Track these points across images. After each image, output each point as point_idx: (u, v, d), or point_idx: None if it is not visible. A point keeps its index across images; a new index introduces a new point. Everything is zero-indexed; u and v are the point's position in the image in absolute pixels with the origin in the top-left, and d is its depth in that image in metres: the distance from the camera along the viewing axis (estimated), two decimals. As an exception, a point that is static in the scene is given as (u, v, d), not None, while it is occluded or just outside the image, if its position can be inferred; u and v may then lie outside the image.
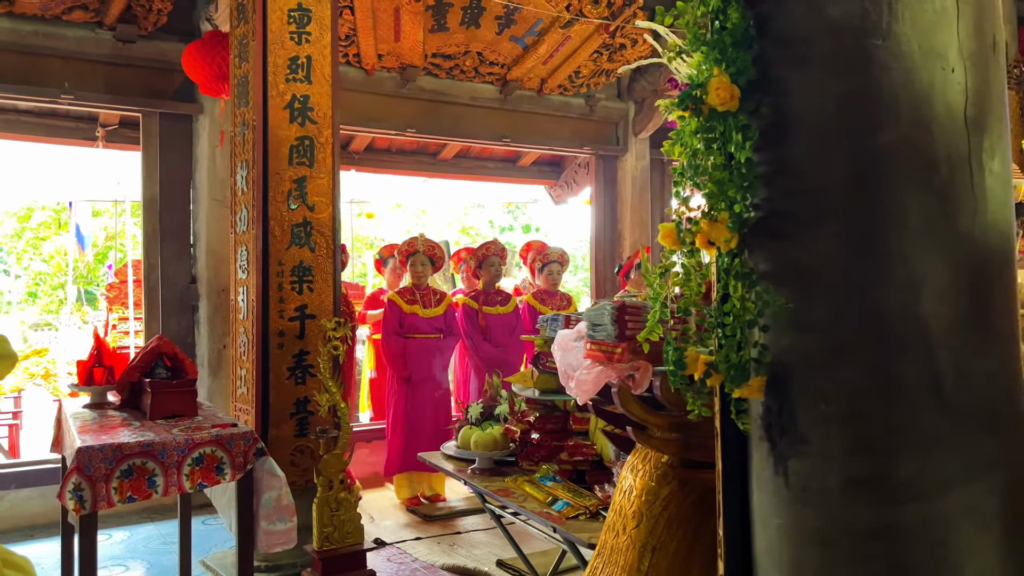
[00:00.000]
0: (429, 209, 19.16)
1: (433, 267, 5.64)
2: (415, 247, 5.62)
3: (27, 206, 18.45)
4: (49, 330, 17.70)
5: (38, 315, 19.03)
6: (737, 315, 1.39)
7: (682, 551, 1.85)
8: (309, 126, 4.21)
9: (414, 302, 5.51)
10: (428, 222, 19.29)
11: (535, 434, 2.90)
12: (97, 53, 5.31)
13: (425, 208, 19.02)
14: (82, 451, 2.49)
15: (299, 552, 4.08)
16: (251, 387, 4.14)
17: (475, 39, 6.42)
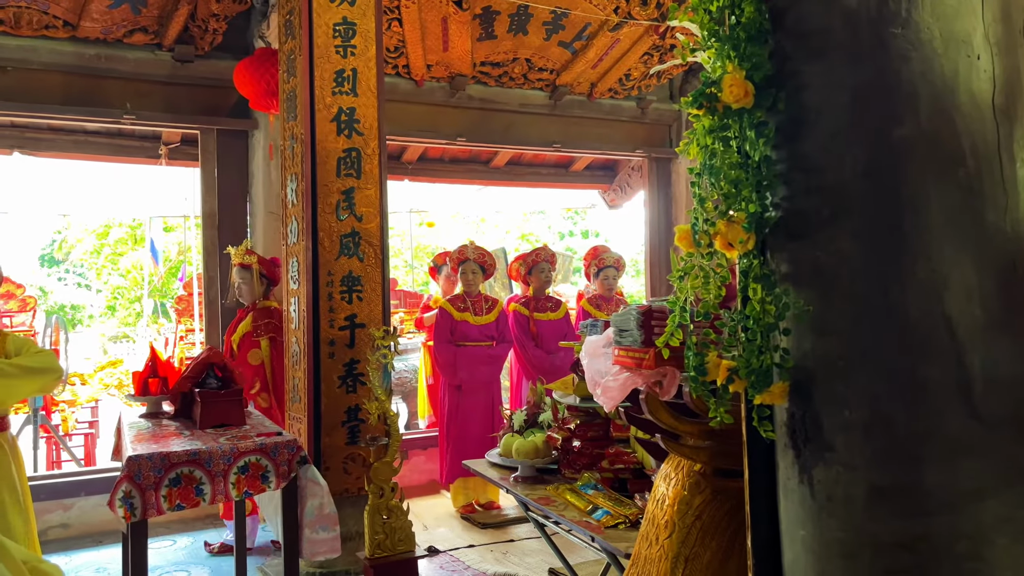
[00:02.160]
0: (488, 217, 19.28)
1: (484, 274, 5.66)
2: (465, 255, 5.64)
3: (105, 223, 19.26)
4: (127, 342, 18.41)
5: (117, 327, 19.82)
6: (757, 318, 1.34)
7: (716, 562, 1.79)
8: (356, 138, 4.28)
9: (465, 309, 5.54)
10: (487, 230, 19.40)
11: (576, 442, 2.87)
12: (157, 74, 5.50)
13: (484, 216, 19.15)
14: (132, 460, 2.56)
15: (352, 559, 4.13)
16: (303, 396, 4.22)
17: (523, 46, 6.43)
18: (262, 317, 4.83)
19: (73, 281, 20.49)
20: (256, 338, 4.78)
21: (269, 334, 4.80)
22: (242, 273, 4.90)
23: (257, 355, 4.79)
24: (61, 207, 15.43)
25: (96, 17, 5.16)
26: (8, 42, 5.10)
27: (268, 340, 4.79)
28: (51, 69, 5.23)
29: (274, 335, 4.80)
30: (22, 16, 5.05)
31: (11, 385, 2.84)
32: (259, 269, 4.88)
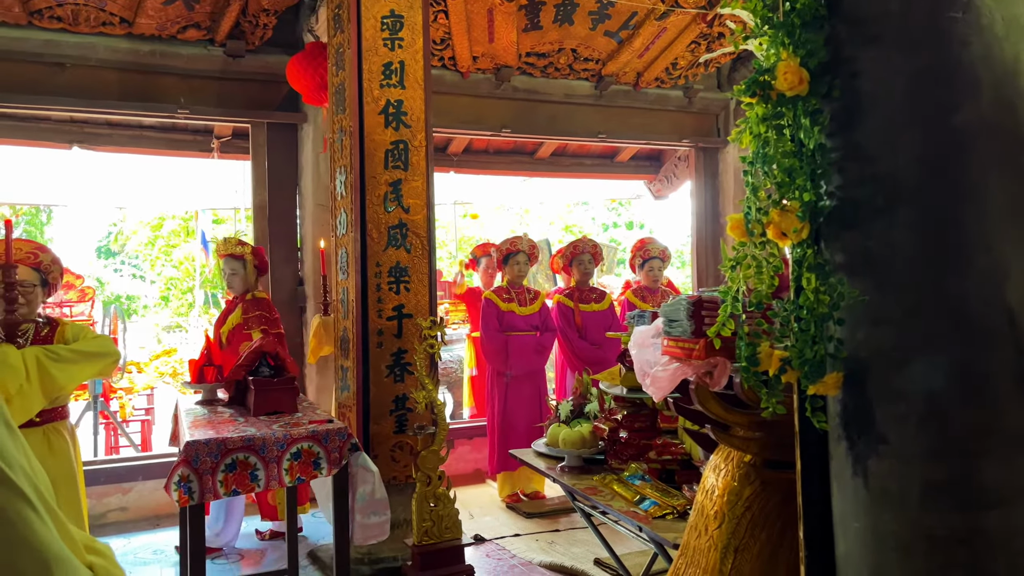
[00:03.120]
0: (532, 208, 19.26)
1: (530, 264, 5.68)
2: (518, 246, 5.66)
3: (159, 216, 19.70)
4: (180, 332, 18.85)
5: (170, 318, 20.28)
6: (811, 308, 1.33)
7: (766, 553, 1.79)
8: (403, 130, 4.31)
9: (510, 300, 5.56)
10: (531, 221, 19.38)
11: (623, 432, 2.87)
12: (209, 69, 5.61)
13: (528, 207, 19.14)
14: (189, 445, 2.64)
15: (399, 546, 4.19)
16: (352, 385, 4.28)
17: (569, 36, 6.40)
18: (253, 308, 4.68)
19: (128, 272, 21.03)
20: (247, 330, 4.59)
21: (261, 326, 4.62)
22: (233, 264, 4.77)
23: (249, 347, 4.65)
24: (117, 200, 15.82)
25: (151, 14, 5.28)
26: (67, 39, 5.25)
27: (260, 332, 4.57)
28: (108, 65, 5.37)
29: (266, 327, 4.63)
30: (80, 14, 5.20)
31: (71, 370, 2.94)
32: (252, 260, 4.77)
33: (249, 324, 4.62)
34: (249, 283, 4.80)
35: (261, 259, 4.86)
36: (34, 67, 5.21)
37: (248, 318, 4.64)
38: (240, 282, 4.78)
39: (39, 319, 3.22)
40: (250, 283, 4.80)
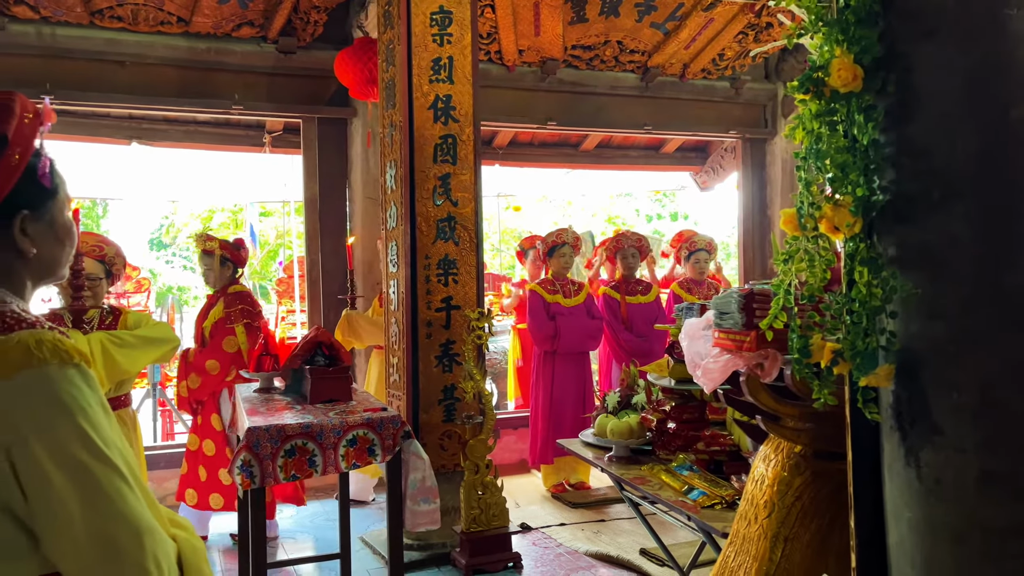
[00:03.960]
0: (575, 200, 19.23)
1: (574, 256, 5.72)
2: (564, 239, 5.70)
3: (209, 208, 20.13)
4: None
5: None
6: (863, 301, 1.35)
7: (816, 542, 1.81)
8: (452, 124, 4.38)
9: (555, 292, 5.61)
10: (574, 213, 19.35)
11: (671, 423, 2.89)
12: (262, 65, 5.75)
13: (571, 199, 19.12)
14: (251, 431, 2.74)
15: (448, 532, 4.28)
16: (402, 375, 4.37)
17: (615, 28, 6.40)
18: (235, 303, 4.65)
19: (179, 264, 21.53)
20: (230, 325, 4.57)
21: (244, 320, 4.60)
22: (205, 259, 4.74)
23: (233, 342, 4.55)
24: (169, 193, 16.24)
25: (207, 13, 5.43)
26: (127, 38, 5.42)
27: (243, 327, 4.58)
28: (166, 63, 5.53)
29: (249, 320, 4.61)
30: (139, 13, 5.36)
31: (134, 354, 3.08)
32: (220, 254, 4.72)
33: (232, 318, 4.58)
34: (224, 277, 4.74)
35: (234, 253, 4.80)
36: (95, 65, 5.39)
37: (231, 312, 4.60)
38: (213, 277, 4.73)
39: (103, 308, 3.37)
40: (225, 277, 4.74)
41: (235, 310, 4.61)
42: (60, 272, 1.40)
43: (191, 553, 1.37)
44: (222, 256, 4.70)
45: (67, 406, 1.19)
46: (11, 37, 5.16)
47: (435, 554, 4.28)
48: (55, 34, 5.26)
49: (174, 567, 1.30)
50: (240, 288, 4.77)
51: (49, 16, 5.19)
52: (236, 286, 4.76)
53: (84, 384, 1.22)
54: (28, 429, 1.16)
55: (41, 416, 1.17)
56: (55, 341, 1.21)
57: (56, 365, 1.19)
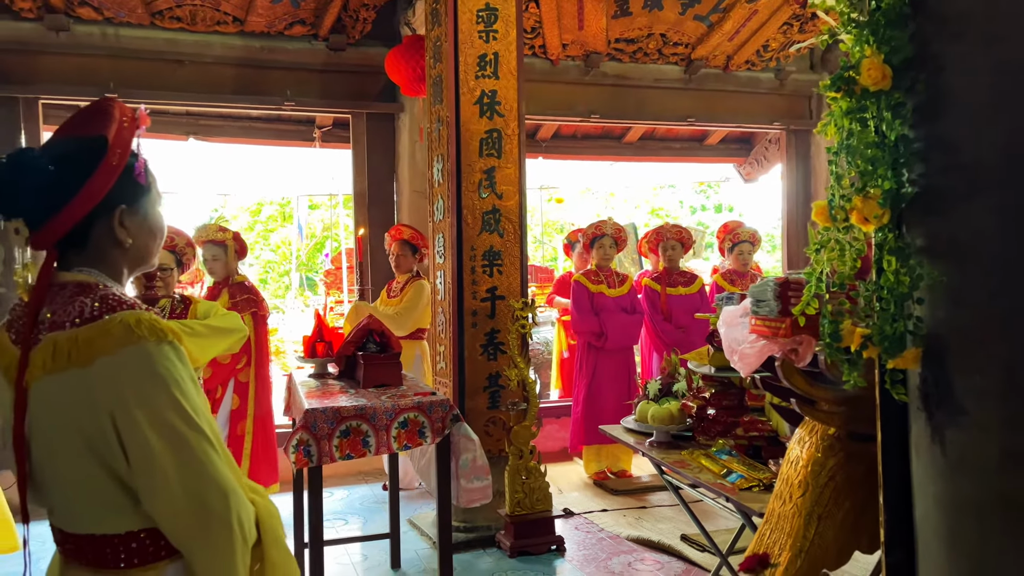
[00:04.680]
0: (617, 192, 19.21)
1: (616, 248, 5.79)
2: (603, 230, 5.78)
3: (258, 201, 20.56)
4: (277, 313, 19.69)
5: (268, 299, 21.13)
6: (892, 288, 1.42)
7: (849, 521, 1.89)
8: (497, 119, 4.49)
9: (600, 282, 5.69)
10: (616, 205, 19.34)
11: (711, 410, 2.98)
12: (313, 62, 5.93)
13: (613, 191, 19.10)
14: (308, 412, 2.90)
15: (494, 515, 4.41)
16: (449, 362, 4.51)
17: (658, 21, 6.45)
18: (239, 292, 4.74)
19: (229, 256, 22.05)
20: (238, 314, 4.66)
21: (251, 309, 4.67)
22: (214, 250, 4.78)
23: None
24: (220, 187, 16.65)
25: (261, 12, 5.62)
26: (186, 38, 5.64)
27: (251, 315, 4.64)
28: (222, 62, 5.74)
29: (255, 309, 4.70)
30: (197, 13, 5.58)
31: (205, 344, 3.21)
32: (234, 245, 4.83)
33: (239, 308, 4.65)
34: (231, 268, 4.85)
35: (242, 245, 4.94)
36: (156, 64, 5.62)
37: (236, 302, 4.70)
38: (222, 267, 4.83)
39: (175, 297, 3.53)
40: (231, 268, 4.86)
41: (241, 300, 4.74)
42: (151, 261, 1.55)
43: (267, 516, 1.52)
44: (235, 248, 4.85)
45: (163, 378, 1.33)
46: (77, 37, 5.41)
47: (481, 536, 4.41)
48: (118, 34, 5.50)
49: (253, 527, 1.45)
50: (242, 278, 4.92)
51: (112, 17, 5.42)
52: (239, 276, 4.90)
53: (177, 359, 1.37)
54: (130, 398, 1.31)
55: (141, 387, 1.32)
56: (151, 320, 1.36)
57: (153, 342, 1.34)
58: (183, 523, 1.35)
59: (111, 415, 1.31)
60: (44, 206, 1.37)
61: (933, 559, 1.45)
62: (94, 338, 1.32)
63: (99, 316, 1.34)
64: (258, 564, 1.50)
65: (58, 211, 1.37)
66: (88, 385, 1.32)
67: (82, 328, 1.33)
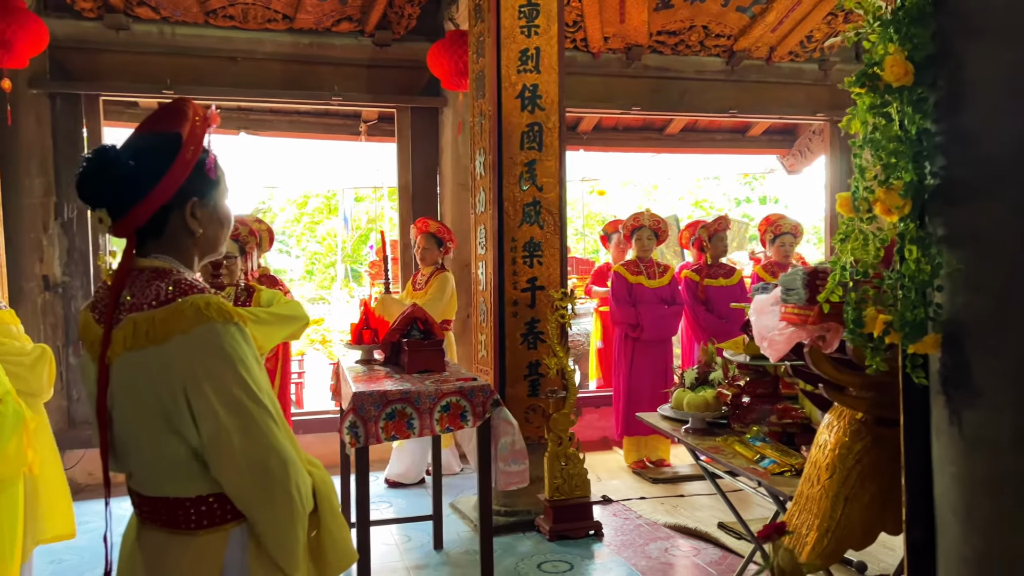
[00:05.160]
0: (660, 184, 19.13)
1: (657, 240, 5.84)
2: (641, 221, 5.84)
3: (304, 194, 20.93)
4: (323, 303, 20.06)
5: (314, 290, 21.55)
6: (913, 276, 1.49)
7: (875, 503, 1.95)
8: (538, 113, 4.58)
9: (639, 273, 5.76)
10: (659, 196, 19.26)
11: (746, 397, 3.04)
12: (359, 58, 6.08)
13: (656, 183, 19.03)
14: (356, 395, 3.04)
15: (533, 500, 4.52)
16: (489, 351, 4.63)
17: (700, 13, 6.46)
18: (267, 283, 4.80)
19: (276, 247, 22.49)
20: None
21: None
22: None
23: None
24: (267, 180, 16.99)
25: (310, 10, 5.78)
26: (238, 35, 5.83)
27: None
28: (273, 58, 5.92)
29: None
30: (249, 12, 5.76)
31: (269, 331, 3.34)
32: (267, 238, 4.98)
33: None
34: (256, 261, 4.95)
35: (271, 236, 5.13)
36: (210, 61, 5.82)
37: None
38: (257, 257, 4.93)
39: (239, 285, 3.67)
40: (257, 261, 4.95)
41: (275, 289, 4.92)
42: (219, 249, 1.69)
43: (323, 486, 1.65)
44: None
45: (230, 356, 1.47)
46: (136, 36, 5.64)
47: (521, 520, 4.53)
48: (174, 33, 5.71)
49: (310, 495, 1.58)
50: (265, 269, 5.12)
51: (169, 16, 5.63)
52: (263, 267, 5.09)
53: (242, 339, 1.50)
54: (200, 373, 1.44)
55: (210, 363, 1.45)
56: (219, 303, 1.49)
57: (221, 323, 1.47)
58: (246, 488, 1.48)
59: (183, 388, 1.44)
60: (125, 197, 1.50)
61: (950, 536, 1.52)
62: (169, 319, 1.46)
63: (173, 299, 1.48)
64: (315, 531, 1.64)
65: (138, 202, 1.51)
66: (163, 361, 1.45)
67: (158, 310, 1.47)
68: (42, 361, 3.44)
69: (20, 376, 3.24)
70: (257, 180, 16.64)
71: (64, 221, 5.50)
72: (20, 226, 5.31)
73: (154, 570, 1.55)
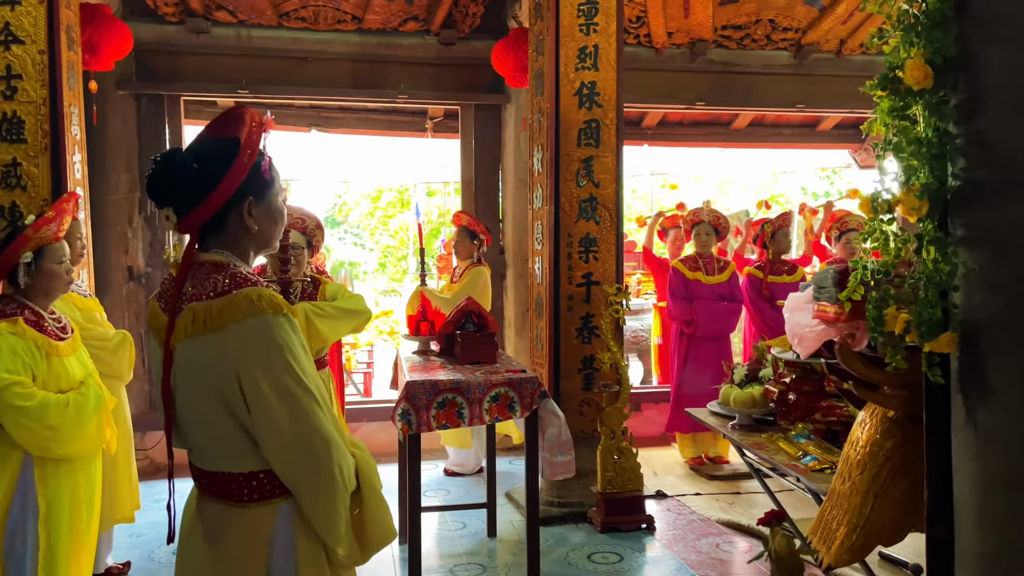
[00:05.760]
0: (735, 178, 18.82)
1: (717, 236, 5.82)
2: (700, 216, 5.82)
3: (377, 188, 21.38)
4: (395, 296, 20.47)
5: (387, 283, 22.00)
6: (930, 276, 1.52)
7: (905, 500, 1.96)
8: (595, 109, 4.64)
9: (697, 269, 5.75)
10: (732, 191, 18.94)
11: (792, 395, 3.05)
12: (425, 56, 6.23)
13: (730, 177, 18.72)
14: (409, 384, 3.17)
15: (586, 492, 4.60)
16: (545, 344, 4.72)
17: (767, 7, 6.38)
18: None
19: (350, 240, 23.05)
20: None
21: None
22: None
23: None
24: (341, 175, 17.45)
25: (377, 10, 5.97)
26: (309, 36, 6.06)
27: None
28: (342, 58, 6.13)
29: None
30: (319, 13, 5.98)
31: (334, 324, 3.48)
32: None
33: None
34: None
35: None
36: (283, 62, 6.07)
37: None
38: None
39: (306, 278, 3.82)
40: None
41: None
42: (273, 244, 1.82)
43: (365, 467, 1.77)
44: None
45: (279, 345, 1.60)
46: (214, 39, 5.92)
47: (573, 511, 4.61)
48: (250, 35, 5.98)
49: (353, 475, 1.70)
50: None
51: (245, 19, 5.90)
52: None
53: (290, 329, 1.63)
54: (252, 359, 1.58)
55: (261, 351, 1.58)
56: (270, 296, 1.62)
57: (272, 314, 1.60)
58: (292, 466, 1.61)
59: (237, 373, 1.58)
60: (190, 197, 1.64)
61: (966, 533, 1.54)
62: (224, 309, 1.60)
63: (229, 291, 1.62)
64: (357, 509, 1.76)
65: (201, 201, 1.64)
66: (220, 347, 1.59)
67: (215, 300, 1.61)
68: (124, 346, 3.70)
69: (103, 360, 3.50)
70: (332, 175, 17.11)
71: (147, 215, 5.83)
72: (107, 220, 5.66)
73: (212, 538, 1.70)
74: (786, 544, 1.98)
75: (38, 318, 2.89)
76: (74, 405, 2.81)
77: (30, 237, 2.91)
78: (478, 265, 5.57)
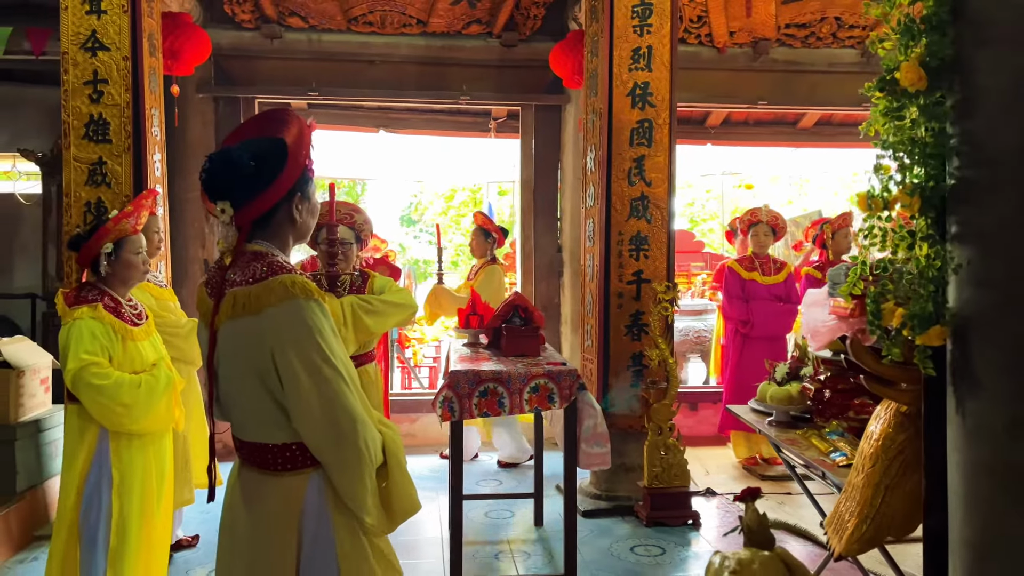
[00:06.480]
0: (813, 178, 18.39)
1: (775, 236, 5.78)
2: (758, 217, 5.80)
3: (451, 188, 21.73)
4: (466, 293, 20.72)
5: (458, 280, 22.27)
6: (923, 271, 1.56)
7: (916, 492, 1.98)
8: (648, 109, 4.70)
9: (753, 269, 5.73)
10: (810, 191, 18.52)
11: (827, 392, 3.06)
12: (487, 58, 6.39)
13: (808, 177, 18.31)
14: (452, 373, 3.32)
15: (633, 487, 4.67)
16: (595, 341, 4.81)
17: (832, 4, 6.30)
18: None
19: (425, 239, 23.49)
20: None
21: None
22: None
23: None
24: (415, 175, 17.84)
25: (441, 14, 6.15)
26: (376, 40, 6.29)
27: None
28: (408, 61, 6.34)
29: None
30: (386, 17, 6.21)
31: (380, 318, 3.64)
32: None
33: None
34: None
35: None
36: (351, 65, 6.32)
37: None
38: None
39: (354, 272, 4.00)
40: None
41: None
42: (308, 236, 1.99)
43: (392, 444, 1.91)
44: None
45: (310, 327, 1.75)
46: (287, 44, 6.22)
47: (620, 505, 4.69)
48: (320, 39, 6.25)
49: (379, 451, 1.84)
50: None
51: (316, 25, 6.17)
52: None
53: (321, 313, 1.79)
54: (286, 340, 1.74)
55: (294, 332, 1.74)
56: (303, 283, 1.78)
57: (303, 299, 1.76)
58: (321, 440, 1.77)
59: (272, 352, 1.74)
60: (246, 192, 1.81)
61: (956, 521, 1.58)
62: (261, 294, 1.76)
63: (265, 277, 1.78)
64: (384, 483, 1.90)
65: (258, 196, 1.81)
66: (257, 329, 1.76)
67: (254, 286, 1.78)
68: (195, 333, 3.96)
69: (175, 345, 3.76)
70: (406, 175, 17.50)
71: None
72: (186, 216, 6.01)
73: (250, 503, 1.87)
74: (757, 518, 2.06)
75: (116, 304, 3.14)
76: (146, 385, 3.05)
77: (110, 229, 3.16)
78: (492, 263, 5.70)
